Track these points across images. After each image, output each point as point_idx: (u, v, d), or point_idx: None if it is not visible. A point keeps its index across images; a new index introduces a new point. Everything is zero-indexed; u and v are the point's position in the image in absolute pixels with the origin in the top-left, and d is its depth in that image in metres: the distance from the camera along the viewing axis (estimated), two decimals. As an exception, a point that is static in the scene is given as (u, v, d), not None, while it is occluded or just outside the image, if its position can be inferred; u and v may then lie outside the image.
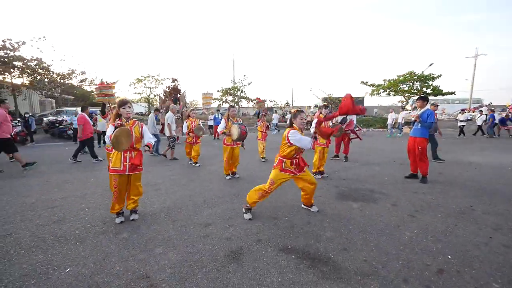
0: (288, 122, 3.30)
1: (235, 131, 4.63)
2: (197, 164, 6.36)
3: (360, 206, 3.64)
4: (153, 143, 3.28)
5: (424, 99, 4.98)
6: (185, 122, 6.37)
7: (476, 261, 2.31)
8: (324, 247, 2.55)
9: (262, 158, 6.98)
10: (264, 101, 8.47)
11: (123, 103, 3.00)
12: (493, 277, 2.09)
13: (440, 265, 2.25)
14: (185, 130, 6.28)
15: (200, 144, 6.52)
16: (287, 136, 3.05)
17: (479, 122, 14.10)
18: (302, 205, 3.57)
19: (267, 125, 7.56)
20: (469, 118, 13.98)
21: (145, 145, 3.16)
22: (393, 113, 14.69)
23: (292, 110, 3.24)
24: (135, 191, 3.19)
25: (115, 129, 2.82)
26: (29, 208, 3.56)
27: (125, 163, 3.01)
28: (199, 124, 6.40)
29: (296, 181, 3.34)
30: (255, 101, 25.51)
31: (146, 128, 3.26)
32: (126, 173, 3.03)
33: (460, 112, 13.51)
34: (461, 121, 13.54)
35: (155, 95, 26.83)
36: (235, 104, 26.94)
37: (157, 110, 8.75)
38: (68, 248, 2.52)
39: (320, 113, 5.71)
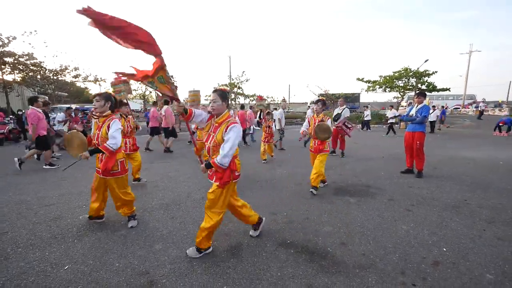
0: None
1: None
2: None
3: (357, 201, 3.68)
4: (112, 148, 2.56)
5: (424, 95, 5.04)
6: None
7: (470, 253, 2.37)
8: (323, 241, 2.58)
9: (263, 160, 6.48)
10: (265, 99, 8.54)
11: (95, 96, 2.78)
12: (487, 268, 2.15)
13: (436, 258, 2.30)
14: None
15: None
16: None
17: (432, 117, 13.17)
18: None
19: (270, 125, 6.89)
20: (396, 114, 12.92)
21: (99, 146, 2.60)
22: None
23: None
24: (116, 197, 2.81)
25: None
26: (25, 206, 3.51)
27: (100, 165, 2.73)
28: None
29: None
30: (255, 98, 25.30)
31: (117, 127, 2.64)
32: (101, 176, 2.74)
33: (388, 108, 12.66)
34: (390, 118, 12.51)
35: (150, 92, 26.57)
36: (232, 101, 26.83)
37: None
38: (66, 246, 2.51)
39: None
